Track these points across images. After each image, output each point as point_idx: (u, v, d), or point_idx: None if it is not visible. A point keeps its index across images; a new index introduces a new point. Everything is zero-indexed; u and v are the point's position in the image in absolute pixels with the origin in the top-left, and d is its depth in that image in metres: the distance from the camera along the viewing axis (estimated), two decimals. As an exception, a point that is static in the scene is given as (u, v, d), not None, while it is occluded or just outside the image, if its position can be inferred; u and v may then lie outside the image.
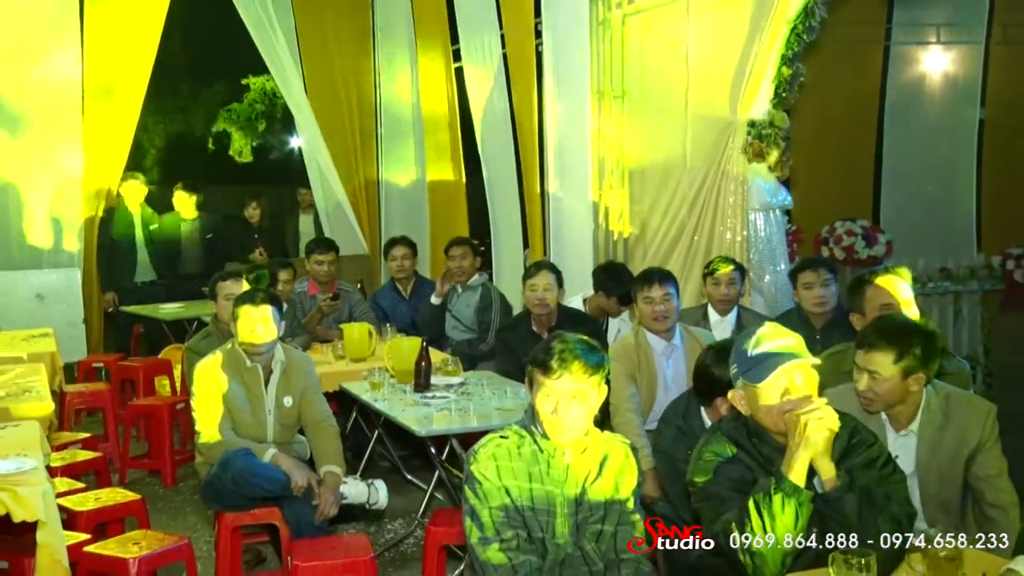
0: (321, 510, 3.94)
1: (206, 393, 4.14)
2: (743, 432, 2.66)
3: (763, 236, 5.48)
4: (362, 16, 9.48)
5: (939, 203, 8.78)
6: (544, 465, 2.75)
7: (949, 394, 3.05)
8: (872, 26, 8.64)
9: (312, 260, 6.31)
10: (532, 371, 2.73)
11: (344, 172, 9.26)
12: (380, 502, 4.19)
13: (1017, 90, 8.72)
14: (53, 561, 3.10)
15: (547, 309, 5.09)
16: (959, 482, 3.03)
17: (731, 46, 5.28)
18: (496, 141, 7.59)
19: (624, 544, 2.74)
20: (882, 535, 2.44)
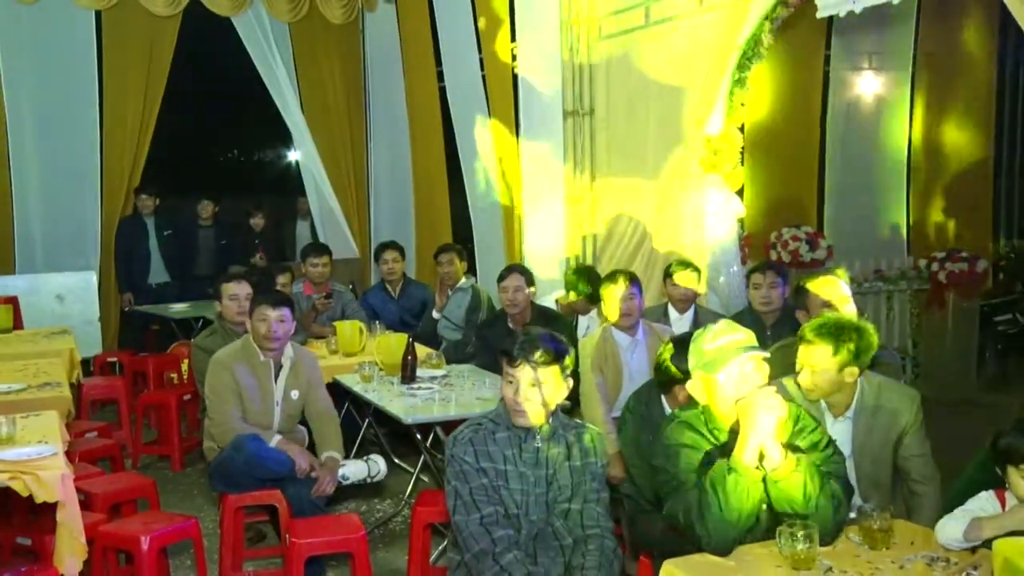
0: (319, 486, 3.95)
1: (221, 382, 4.13)
2: (700, 419, 2.67)
3: (717, 241, 5.50)
4: (353, 39, 9.44)
5: (874, 212, 8.84)
6: (517, 449, 2.77)
7: (881, 383, 3.08)
8: (812, 52, 8.70)
9: (307, 263, 6.30)
10: (500, 361, 2.75)
11: (337, 183, 9.27)
12: (381, 472, 4.24)
13: (940, 111, 8.82)
14: (71, 538, 3.08)
15: (519, 308, 5.09)
16: (890, 462, 3.06)
17: (688, 69, 5.30)
18: (477, 155, 7.57)
19: (590, 521, 2.75)
20: (823, 510, 2.45)
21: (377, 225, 9.54)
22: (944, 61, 8.71)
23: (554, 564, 2.75)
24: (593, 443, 2.83)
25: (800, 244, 7.06)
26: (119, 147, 8.48)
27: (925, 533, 2.53)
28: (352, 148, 9.49)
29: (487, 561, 2.65)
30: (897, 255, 7.95)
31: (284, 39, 9.05)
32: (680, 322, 4.85)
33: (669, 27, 5.36)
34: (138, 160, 8.54)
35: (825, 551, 2.39)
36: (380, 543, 4.57)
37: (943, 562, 2.33)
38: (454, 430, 2.88)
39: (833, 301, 3.65)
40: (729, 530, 2.42)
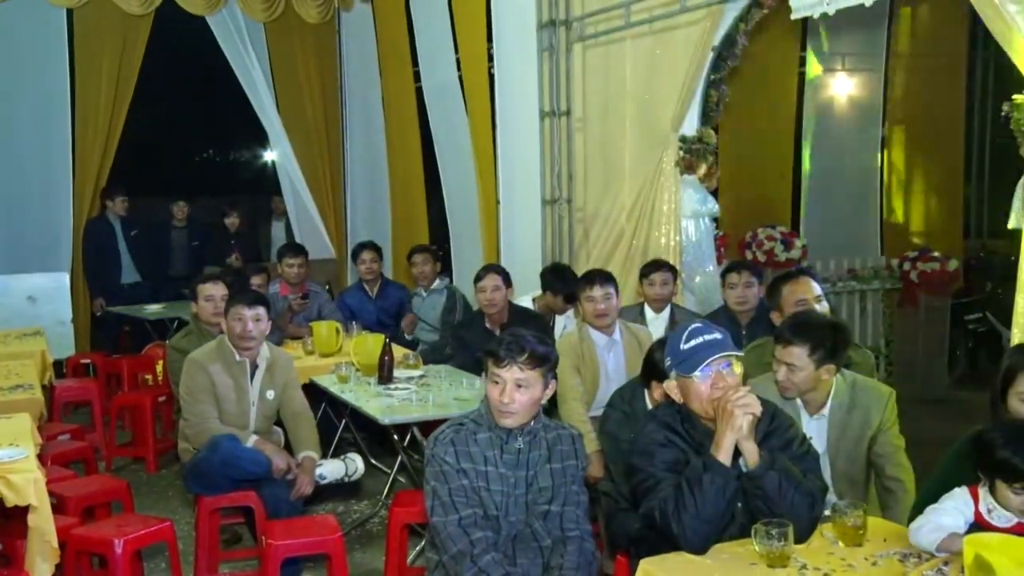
0: (297, 488, 3.93)
1: (197, 383, 4.10)
2: (677, 419, 2.68)
3: (694, 241, 5.52)
4: (329, 39, 9.40)
5: (848, 212, 8.92)
6: (498, 450, 2.76)
7: (855, 381, 3.11)
8: (787, 54, 8.77)
9: (283, 263, 6.27)
10: (485, 361, 2.75)
11: (313, 183, 9.23)
12: (359, 470, 4.22)
13: (912, 112, 8.92)
14: (44, 543, 3.04)
15: (497, 308, 5.10)
16: (864, 460, 3.09)
17: (665, 71, 5.32)
18: (454, 155, 7.57)
19: (570, 524, 2.75)
20: (798, 508, 2.46)
21: (353, 225, 9.50)
22: (916, 62, 8.81)
23: (533, 565, 2.74)
24: (574, 445, 2.83)
25: (775, 244, 7.10)
26: (91, 147, 8.38)
27: (898, 530, 2.55)
28: (328, 148, 9.45)
29: (465, 563, 2.64)
30: (870, 254, 8.03)
31: (259, 38, 8.99)
32: (656, 321, 4.86)
33: (646, 29, 5.37)
34: (106, 160, 8.44)
35: (800, 549, 2.41)
36: (357, 544, 4.55)
37: (915, 558, 2.36)
38: (433, 430, 2.87)
39: (808, 299, 3.67)
40: (705, 528, 2.43)
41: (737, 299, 4.62)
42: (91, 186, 8.37)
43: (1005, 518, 2.30)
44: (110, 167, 8.48)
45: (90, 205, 8.35)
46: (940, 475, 2.63)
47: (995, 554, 1.97)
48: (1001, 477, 2.27)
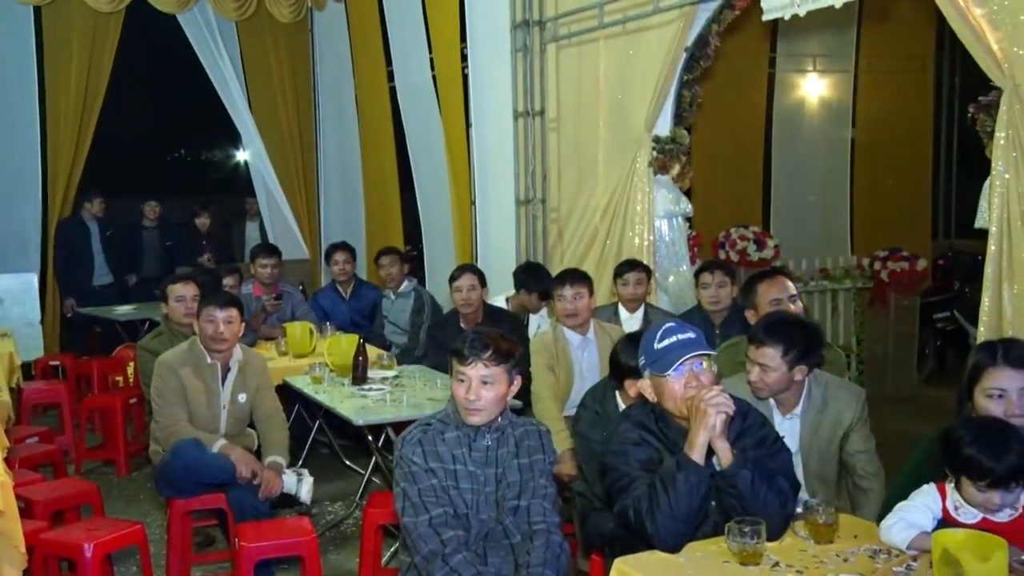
0: (263, 488, 3.88)
1: (167, 385, 4.04)
2: (651, 417, 2.68)
3: (667, 240, 5.54)
4: (302, 38, 9.34)
5: (819, 211, 9.02)
6: (467, 448, 2.76)
7: (827, 381, 3.12)
8: (758, 55, 8.84)
9: (257, 264, 6.23)
10: (450, 360, 2.75)
11: (286, 183, 9.17)
12: (302, 496, 4.03)
13: (881, 113, 9.02)
14: (11, 547, 2.98)
15: (472, 307, 5.10)
16: (836, 459, 3.11)
17: (638, 71, 5.33)
18: (428, 155, 7.55)
19: (537, 517, 2.75)
20: (771, 506, 2.47)
21: (327, 226, 9.45)
22: (884, 64, 8.91)
23: (504, 563, 2.74)
24: (541, 440, 2.84)
25: (748, 243, 7.14)
26: (61, 146, 8.27)
27: (868, 527, 2.57)
28: (302, 148, 9.39)
29: (437, 562, 2.64)
30: (841, 253, 8.09)
31: (231, 37, 8.92)
32: (630, 321, 4.87)
33: (619, 29, 5.38)
34: (78, 160, 8.33)
35: (772, 546, 2.42)
36: (331, 545, 4.52)
37: (885, 554, 2.38)
38: (403, 431, 2.86)
39: (783, 298, 3.69)
40: (679, 527, 2.43)
41: (710, 299, 4.63)
42: (63, 186, 8.26)
43: (971, 515, 2.32)
44: (83, 167, 8.38)
45: (61, 206, 8.24)
46: (909, 472, 2.66)
47: (962, 550, 1.99)
48: (967, 474, 2.29)
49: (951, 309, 7.72)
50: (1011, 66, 3.28)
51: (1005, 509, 2.30)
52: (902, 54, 8.87)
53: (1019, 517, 2.29)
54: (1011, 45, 3.28)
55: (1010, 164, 3.30)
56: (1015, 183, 3.28)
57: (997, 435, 2.31)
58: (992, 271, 3.36)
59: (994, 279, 3.36)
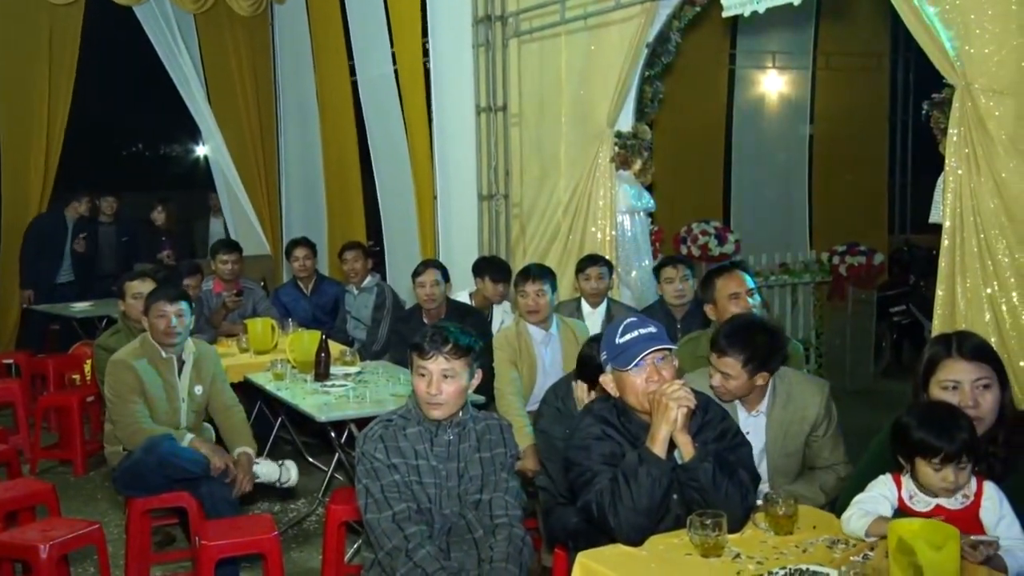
0: (238, 486, 3.85)
1: (123, 382, 3.98)
2: (613, 412, 2.69)
3: (629, 235, 5.56)
4: (262, 31, 9.22)
5: (778, 206, 9.11)
6: (428, 443, 2.76)
7: (791, 378, 3.14)
8: (719, 51, 8.91)
9: (217, 260, 6.16)
10: (411, 355, 2.74)
11: (247, 178, 9.06)
12: (291, 480, 4.12)
13: (839, 110, 9.14)
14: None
15: (435, 303, 5.09)
16: (800, 454, 3.13)
17: (600, 67, 5.34)
18: (389, 150, 7.50)
19: (499, 510, 2.75)
20: (732, 498, 2.49)
21: (288, 221, 9.36)
22: (842, 61, 9.03)
23: (468, 557, 2.75)
24: (502, 433, 2.85)
25: (709, 238, 7.19)
26: (21, 142, 8.13)
27: (827, 518, 2.61)
28: (262, 143, 9.28)
29: (400, 558, 2.63)
30: (800, 248, 8.19)
31: (189, 30, 8.79)
32: (593, 316, 4.89)
33: (581, 25, 5.39)
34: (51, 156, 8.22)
35: (733, 538, 2.44)
36: (294, 543, 4.49)
37: (843, 544, 2.41)
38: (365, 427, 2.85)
39: (741, 292, 3.72)
40: (641, 520, 2.45)
41: (675, 293, 4.66)
42: (28, 181, 8.17)
43: (925, 503, 2.37)
44: (56, 164, 8.31)
45: (28, 200, 8.16)
46: (865, 465, 2.70)
47: (916, 539, 2.02)
48: (920, 455, 2.34)
49: (907, 303, 7.85)
50: (963, 64, 3.34)
51: (958, 496, 2.34)
52: (858, 52, 9.00)
53: (971, 504, 2.34)
54: (963, 44, 3.34)
55: (962, 160, 3.36)
56: (967, 179, 3.34)
57: (943, 414, 2.38)
58: (946, 265, 3.42)
59: (948, 273, 3.42)
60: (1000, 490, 2.36)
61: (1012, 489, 2.39)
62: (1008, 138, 3.23)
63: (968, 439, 2.30)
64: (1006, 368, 2.65)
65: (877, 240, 8.52)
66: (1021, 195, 3.20)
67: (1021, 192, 3.20)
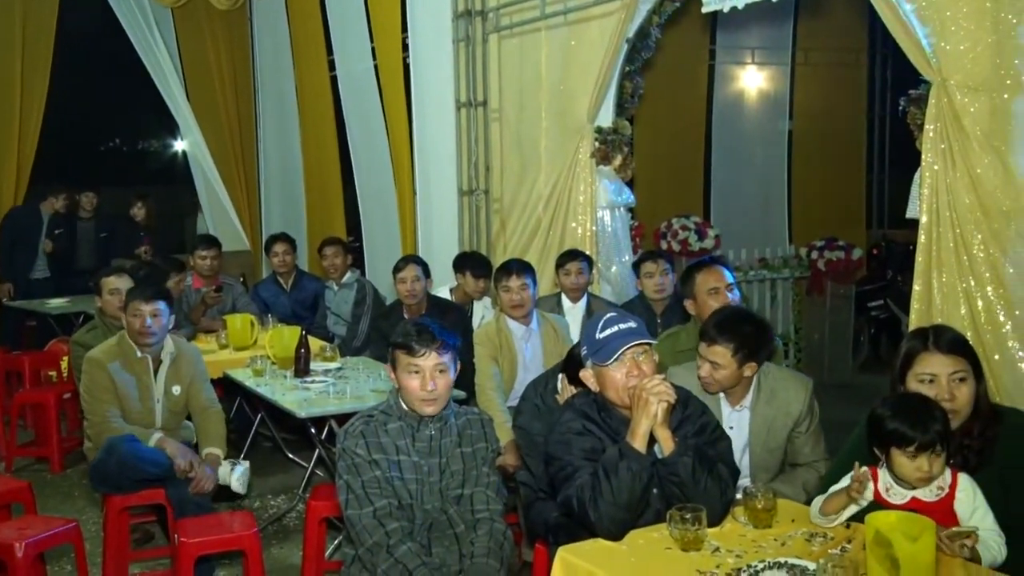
0: (195, 483, 3.80)
1: (96, 382, 3.94)
2: (594, 407, 2.70)
3: (609, 231, 5.57)
4: (240, 25, 9.16)
5: (758, 201, 9.15)
6: (410, 438, 2.76)
7: (775, 373, 3.16)
8: (699, 47, 8.93)
9: (196, 256, 6.14)
10: (397, 354, 2.72)
11: (226, 173, 9.01)
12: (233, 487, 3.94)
13: (817, 105, 9.19)
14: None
15: (416, 299, 5.07)
16: (782, 449, 3.14)
17: (580, 62, 5.34)
18: (369, 145, 7.47)
19: (480, 505, 2.76)
20: (711, 492, 2.50)
21: (268, 216, 9.31)
22: (820, 57, 9.08)
23: (449, 553, 2.75)
24: (483, 428, 2.85)
25: (689, 233, 7.22)
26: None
27: (805, 511, 2.62)
28: (241, 137, 9.22)
29: (381, 554, 2.63)
30: (779, 243, 8.23)
31: (167, 23, 8.73)
32: (573, 311, 4.89)
33: (561, 20, 5.39)
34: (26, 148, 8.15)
35: (713, 532, 2.46)
36: (274, 539, 4.47)
37: (821, 537, 2.43)
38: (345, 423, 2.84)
39: (721, 287, 3.73)
40: (621, 515, 2.45)
41: (656, 288, 4.68)
42: (12, 176, 8.10)
43: (901, 495, 2.39)
44: (32, 157, 8.27)
45: (15, 194, 8.11)
46: (842, 458, 2.72)
47: (893, 531, 2.04)
48: (895, 445, 2.36)
49: (885, 297, 7.91)
50: (939, 60, 3.37)
51: (933, 488, 2.37)
52: (837, 47, 9.05)
53: (946, 496, 2.36)
54: (939, 40, 3.36)
55: (939, 156, 3.38)
56: (944, 174, 3.37)
57: (917, 404, 2.41)
58: (923, 260, 3.45)
59: (924, 268, 3.44)
60: (974, 482, 2.38)
61: (986, 481, 2.41)
62: (983, 134, 3.26)
63: (941, 428, 2.33)
64: (981, 361, 2.67)
65: (855, 235, 8.60)
66: (995, 190, 3.23)
67: (995, 188, 3.23)
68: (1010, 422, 2.57)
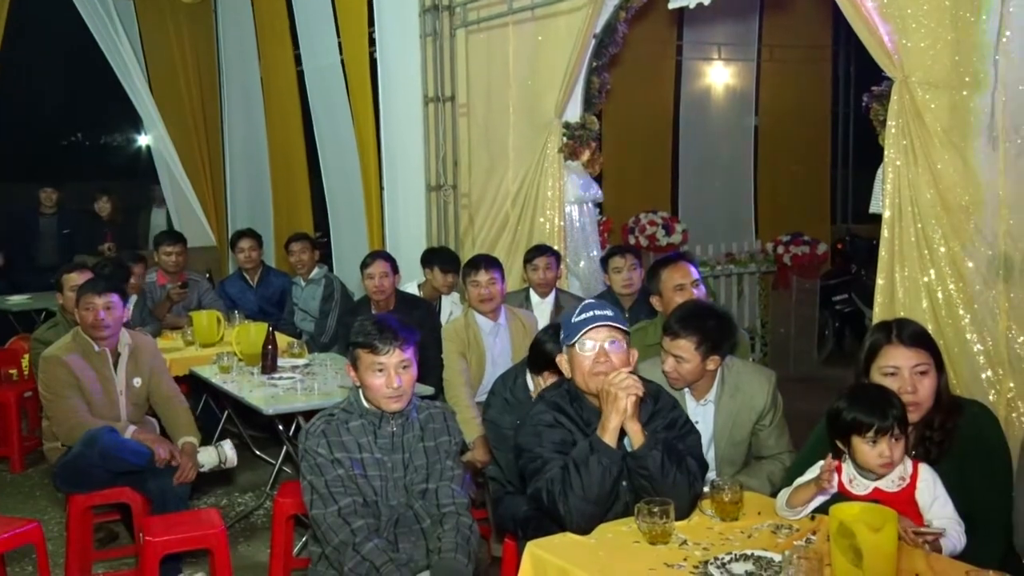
0: (180, 472, 3.78)
1: (57, 378, 3.88)
2: (565, 398, 2.71)
3: (577, 226, 5.58)
4: (205, 18, 9.04)
5: (724, 197, 9.21)
6: (372, 435, 2.75)
7: (739, 366, 3.19)
8: (665, 43, 8.96)
9: (160, 252, 6.08)
10: (359, 353, 2.71)
11: (191, 168, 8.89)
12: (229, 459, 4.02)
13: (783, 102, 9.27)
14: None
15: (385, 294, 5.06)
16: (747, 443, 3.18)
17: (548, 57, 5.34)
18: (336, 140, 7.42)
19: (445, 499, 2.76)
20: (680, 486, 2.52)
21: (234, 212, 9.21)
22: (785, 53, 9.15)
23: (415, 548, 2.75)
24: (446, 421, 2.85)
25: (657, 228, 7.26)
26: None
27: (771, 503, 2.65)
28: (206, 132, 9.11)
29: (348, 552, 2.62)
30: (746, 238, 8.30)
31: (129, 16, 8.59)
32: (542, 306, 4.90)
33: (528, 15, 5.38)
34: None
35: (680, 525, 2.48)
36: (241, 537, 4.44)
37: (787, 529, 2.46)
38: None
39: (687, 283, 3.76)
40: (591, 509, 2.47)
41: (624, 282, 4.70)
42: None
43: (864, 486, 2.43)
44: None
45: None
46: (807, 451, 2.76)
47: (856, 522, 2.07)
48: (855, 432, 2.40)
49: (849, 291, 8.01)
50: (901, 58, 3.41)
51: (895, 479, 2.40)
52: (802, 44, 9.12)
53: (907, 487, 2.40)
54: (900, 37, 3.40)
55: (901, 152, 3.43)
56: (906, 170, 3.41)
57: (874, 392, 2.47)
58: (886, 254, 3.49)
59: (887, 262, 3.49)
60: (934, 472, 2.43)
61: (946, 471, 2.46)
62: (943, 130, 3.31)
63: (899, 413, 2.39)
64: (942, 354, 2.72)
65: (820, 230, 8.68)
66: (955, 186, 3.28)
67: (955, 183, 3.28)
68: (969, 413, 2.62)
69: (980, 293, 3.23)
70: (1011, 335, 3.17)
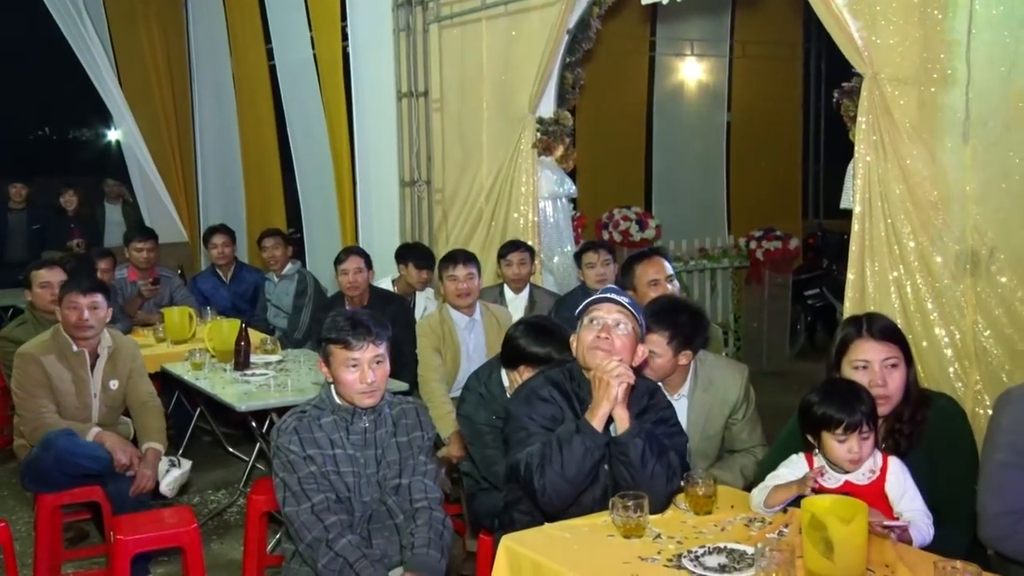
0: (137, 483, 3.70)
1: (30, 376, 3.82)
2: (566, 375, 2.73)
3: (551, 221, 5.58)
4: (174, 10, 8.94)
5: (697, 192, 9.26)
6: (344, 432, 2.74)
7: (712, 361, 3.21)
8: (638, 39, 8.99)
9: (131, 248, 6.02)
10: (332, 349, 2.69)
11: (161, 163, 8.79)
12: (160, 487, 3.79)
13: (755, 98, 9.33)
14: None
15: (359, 290, 5.04)
16: (720, 437, 3.21)
17: (521, 53, 5.34)
18: (309, 135, 7.36)
19: (418, 494, 2.76)
20: (657, 479, 2.53)
21: (206, 207, 9.12)
22: (757, 49, 9.20)
23: (389, 544, 2.75)
24: (418, 416, 2.85)
25: (631, 224, 7.28)
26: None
27: (744, 497, 2.67)
28: (177, 127, 9.02)
29: (321, 549, 2.61)
30: (719, 234, 8.35)
31: (97, 8, 8.46)
32: (516, 302, 4.90)
33: (502, 10, 5.37)
34: None
35: (654, 519, 2.49)
36: (214, 535, 4.41)
37: (759, 523, 2.48)
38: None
39: (661, 278, 3.77)
40: (566, 488, 2.49)
41: (598, 277, 4.70)
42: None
43: (835, 479, 2.45)
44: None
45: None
46: (779, 446, 2.78)
47: (827, 514, 2.09)
48: (825, 428, 2.42)
49: (821, 286, 8.09)
50: (871, 54, 3.44)
51: (865, 472, 2.43)
52: (773, 40, 9.19)
53: (877, 479, 2.43)
54: (870, 34, 3.43)
55: (871, 147, 3.46)
56: (876, 166, 3.45)
57: (844, 388, 2.49)
58: (856, 249, 3.53)
59: (858, 257, 3.52)
60: (904, 465, 2.46)
61: (915, 463, 2.49)
62: (912, 126, 3.34)
63: (868, 410, 2.41)
64: (911, 348, 2.75)
65: (792, 225, 8.75)
66: (924, 181, 3.32)
67: (924, 179, 3.32)
68: (938, 406, 2.66)
69: (948, 287, 3.27)
70: (978, 329, 3.21)
